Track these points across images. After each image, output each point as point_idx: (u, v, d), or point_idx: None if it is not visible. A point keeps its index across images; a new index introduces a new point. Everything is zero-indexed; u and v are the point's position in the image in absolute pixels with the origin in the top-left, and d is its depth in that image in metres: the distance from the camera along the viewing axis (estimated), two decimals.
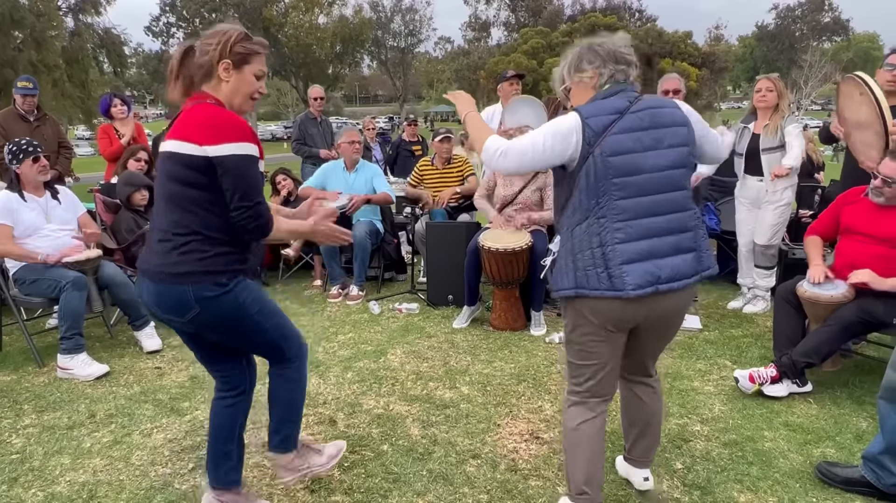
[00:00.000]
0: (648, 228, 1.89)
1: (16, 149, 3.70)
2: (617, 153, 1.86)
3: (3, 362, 3.81)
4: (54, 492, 2.44)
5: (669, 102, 2.02)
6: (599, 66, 1.99)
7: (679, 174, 1.94)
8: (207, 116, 1.83)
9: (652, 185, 1.89)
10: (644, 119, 1.91)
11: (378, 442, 2.79)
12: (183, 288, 1.85)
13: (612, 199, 1.87)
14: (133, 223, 4.51)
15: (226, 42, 1.89)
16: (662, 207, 1.91)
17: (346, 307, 4.88)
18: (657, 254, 1.89)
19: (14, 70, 14.14)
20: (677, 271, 1.90)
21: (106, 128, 5.78)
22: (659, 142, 1.91)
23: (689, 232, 1.95)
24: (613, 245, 1.86)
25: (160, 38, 42.09)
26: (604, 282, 1.87)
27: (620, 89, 1.97)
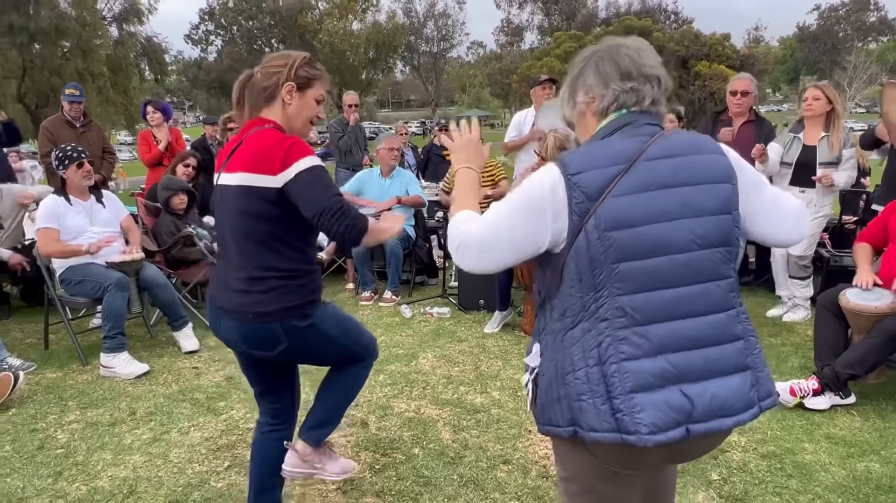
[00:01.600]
0: (672, 337, 1.26)
1: (62, 155, 3.84)
2: (622, 225, 1.25)
3: (50, 360, 3.95)
4: (96, 487, 2.52)
5: (708, 143, 1.36)
6: (598, 86, 1.39)
7: (718, 256, 1.30)
8: (274, 145, 1.79)
9: (677, 271, 1.27)
10: (666, 170, 1.29)
11: (409, 445, 2.81)
12: (271, 326, 1.84)
13: (614, 293, 1.26)
14: (173, 226, 4.63)
15: (291, 65, 1.88)
16: (693, 305, 1.28)
17: (378, 310, 4.92)
18: (687, 375, 1.25)
19: (61, 78, 14.70)
20: (721, 402, 1.25)
21: (145, 134, 5.95)
22: (688, 206, 1.28)
23: (737, 341, 1.30)
24: (619, 362, 1.24)
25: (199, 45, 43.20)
26: (606, 421, 1.23)
27: (628, 121, 1.36)
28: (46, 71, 16.00)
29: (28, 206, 4.82)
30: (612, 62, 1.38)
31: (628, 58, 1.37)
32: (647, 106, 1.37)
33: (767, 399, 1.32)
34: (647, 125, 1.36)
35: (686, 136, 1.38)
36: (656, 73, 1.38)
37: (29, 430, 3.00)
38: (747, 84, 4.52)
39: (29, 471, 2.64)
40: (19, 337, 4.43)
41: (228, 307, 1.88)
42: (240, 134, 1.93)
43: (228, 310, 1.88)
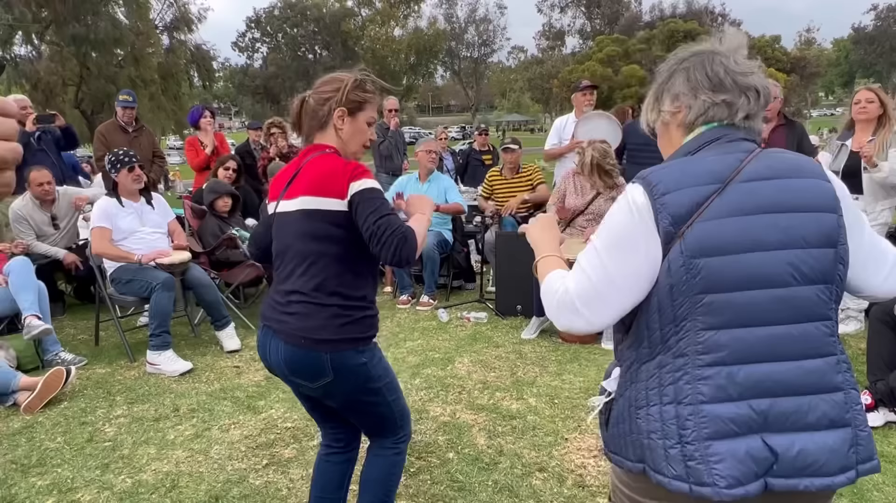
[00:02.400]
0: (760, 381, 1.11)
1: (114, 159, 3.99)
2: (712, 252, 1.11)
3: (100, 356, 4.10)
4: (141, 480, 2.59)
5: (810, 165, 1.20)
6: (685, 93, 1.25)
7: (819, 294, 1.14)
8: (340, 167, 1.78)
9: (770, 308, 1.12)
10: (764, 193, 1.14)
11: (444, 449, 2.80)
12: (321, 355, 1.75)
13: (698, 327, 1.12)
14: (217, 228, 4.76)
15: (342, 89, 1.83)
16: (787, 347, 1.13)
17: (416, 314, 4.95)
18: (772, 425, 1.11)
19: (115, 85, 15.31)
20: (810, 460, 1.10)
21: (192, 140, 6.13)
22: (789, 235, 1.13)
23: (837, 392, 1.14)
24: (697, 404, 1.11)
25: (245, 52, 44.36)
26: (676, 466, 1.11)
27: (719, 136, 1.22)
28: (102, 78, 16.72)
29: (83, 208, 5.02)
30: (704, 69, 1.23)
31: (723, 66, 1.22)
32: (739, 120, 1.22)
33: (869, 463, 1.14)
34: (742, 140, 1.21)
35: (786, 156, 1.22)
36: (753, 83, 1.22)
37: (79, 423, 3.12)
38: (773, 89, 4.42)
39: (78, 462, 2.75)
40: (72, 333, 4.61)
41: (280, 328, 1.79)
42: (297, 160, 1.91)
43: (279, 331, 1.80)
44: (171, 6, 20.51)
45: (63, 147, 5.77)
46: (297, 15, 42.90)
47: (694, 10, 48.61)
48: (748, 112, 1.22)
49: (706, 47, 1.28)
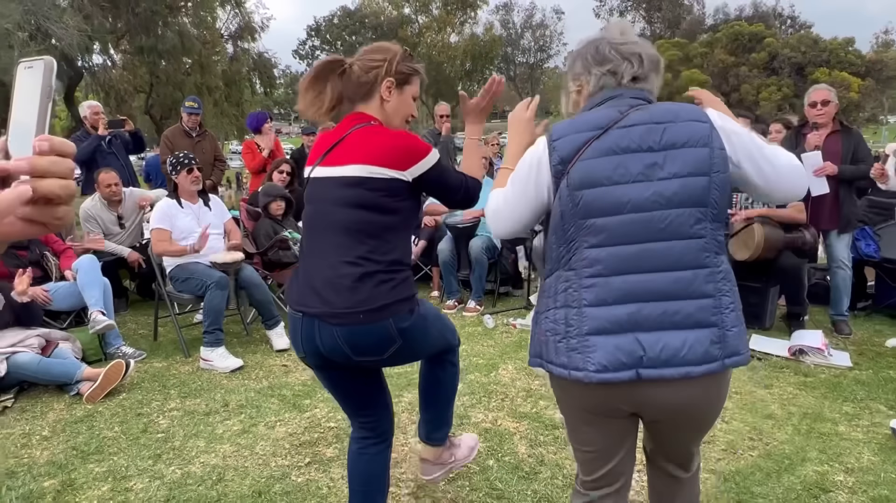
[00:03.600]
0: (632, 289, 1.36)
1: (175, 161, 4.17)
2: (587, 184, 1.37)
3: (157, 351, 4.27)
4: (189, 472, 2.68)
5: (688, 111, 1.42)
6: (581, 73, 1.52)
7: (685, 215, 1.35)
8: (397, 140, 1.74)
9: (641, 229, 1.36)
10: (634, 136, 1.38)
11: (484, 456, 2.78)
12: (385, 323, 1.71)
13: (583, 246, 1.39)
14: (270, 230, 4.89)
15: (391, 60, 1.80)
16: (658, 261, 1.36)
17: (461, 319, 4.94)
18: (642, 325, 1.35)
19: (182, 92, 16.03)
20: (675, 352, 1.33)
21: (249, 143, 6.34)
22: (653, 168, 1.36)
23: (705, 299, 1.35)
24: (580, 307, 1.37)
25: (305, 60, 45.59)
26: (562, 356, 1.39)
27: (612, 95, 1.46)
28: (170, 85, 17.55)
29: (146, 208, 5.26)
30: (592, 49, 1.50)
31: (607, 42, 1.48)
32: (627, 82, 1.47)
33: (734, 356, 1.36)
34: (630, 98, 1.45)
35: (667, 106, 1.44)
36: (636, 50, 1.47)
37: (135, 414, 3.26)
38: (826, 94, 4.24)
39: (133, 451, 2.86)
40: (133, 328, 4.83)
41: (328, 313, 1.71)
42: (341, 128, 1.82)
43: (327, 315, 1.71)
44: (237, 16, 21.31)
45: (131, 150, 6.07)
46: (356, 23, 43.82)
47: (761, 12, 46.82)
48: (634, 74, 1.47)
49: (598, 34, 1.54)
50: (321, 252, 1.77)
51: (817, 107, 4.26)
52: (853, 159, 4.21)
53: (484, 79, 49.25)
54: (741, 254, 4.33)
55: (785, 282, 4.46)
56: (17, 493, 2.52)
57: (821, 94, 4.28)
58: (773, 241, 4.23)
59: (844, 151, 4.22)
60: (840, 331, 4.39)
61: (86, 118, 5.81)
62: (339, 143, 1.79)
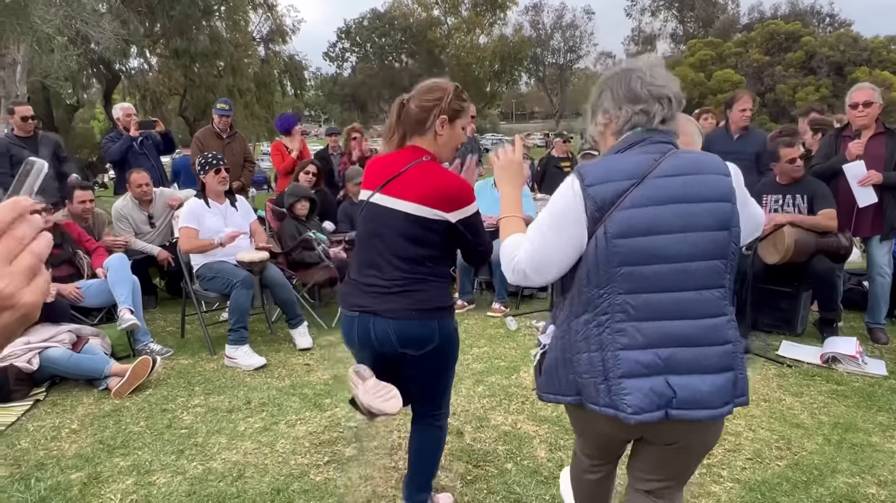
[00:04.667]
0: (665, 334, 1.43)
1: (203, 161, 4.24)
2: (627, 234, 1.42)
3: (184, 348, 4.35)
4: (211, 468, 2.72)
5: (711, 163, 1.48)
6: (610, 108, 1.54)
7: (713, 268, 1.44)
8: (446, 184, 1.97)
9: (673, 278, 1.43)
10: (671, 187, 1.43)
11: (503, 459, 2.76)
12: (431, 322, 2.02)
13: (616, 292, 1.44)
14: (295, 230, 4.94)
15: (445, 99, 2.00)
16: (686, 309, 1.44)
17: (484, 321, 4.92)
18: (674, 369, 1.43)
19: (214, 94, 16.30)
20: (701, 395, 1.42)
21: (277, 145, 6.41)
22: (689, 222, 1.42)
23: (726, 345, 1.45)
24: (615, 351, 1.44)
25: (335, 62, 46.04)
26: (603, 397, 1.46)
27: (641, 139, 1.49)
28: (203, 88, 17.83)
29: (175, 208, 5.37)
30: (624, 86, 1.51)
31: (639, 80, 1.50)
32: (657, 124, 1.50)
33: (741, 397, 1.48)
34: (658, 143, 1.49)
35: (693, 155, 1.51)
36: (666, 93, 1.50)
37: (160, 410, 3.32)
38: (869, 94, 4.06)
39: (157, 446, 2.92)
40: (161, 325, 4.93)
41: (385, 309, 2.00)
42: (399, 161, 2.04)
43: (384, 311, 2.00)
44: (268, 19, 21.61)
45: (162, 151, 6.19)
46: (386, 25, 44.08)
47: (798, 10, 45.69)
48: (663, 116, 1.50)
49: (625, 66, 1.56)
50: (370, 266, 2.06)
51: (859, 108, 4.10)
52: None
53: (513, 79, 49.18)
54: (771, 257, 4.22)
55: (817, 287, 4.33)
56: (45, 485, 2.59)
57: (863, 94, 4.11)
58: (803, 244, 4.10)
59: (888, 155, 4.05)
60: (877, 340, 4.24)
61: (118, 119, 5.95)
62: (399, 175, 2.01)
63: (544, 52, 56.72)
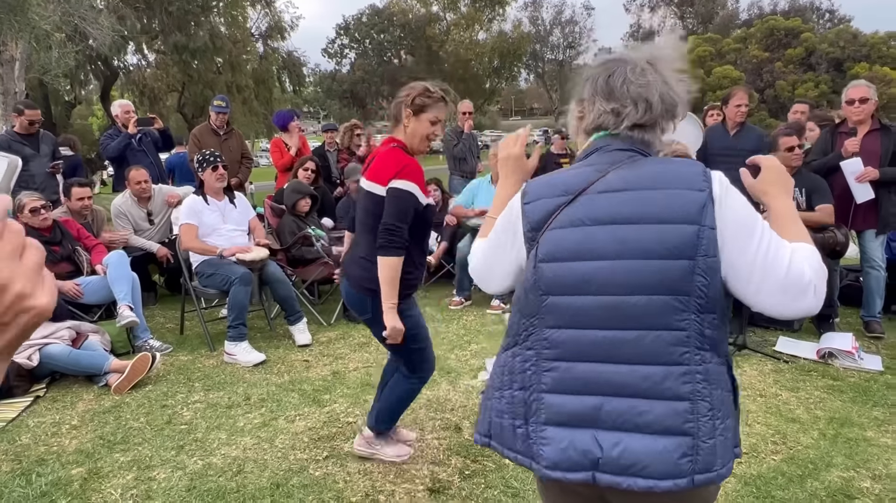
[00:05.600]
0: (596, 379, 1.19)
1: (201, 159, 4.25)
2: (550, 258, 1.21)
3: (183, 344, 4.37)
4: (210, 463, 2.74)
5: (682, 176, 1.19)
6: (587, 100, 1.31)
7: (661, 304, 1.15)
8: (391, 160, 2.35)
9: (603, 314, 1.18)
10: (611, 205, 1.19)
11: None
12: (365, 298, 2.43)
13: (542, 325, 1.23)
14: (295, 227, 4.95)
15: (411, 95, 2.35)
16: (623, 351, 1.17)
17: (483, 317, 4.93)
18: (604, 421, 1.18)
19: (213, 91, 16.32)
20: (633, 460, 1.14)
21: (276, 141, 6.42)
22: (625, 246, 1.17)
23: (678, 401, 1.14)
24: (539, 392, 1.23)
25: (334, 58, 45.92)
26: (520, 443, 1.24)
27: (600, 146, 1.28)
28: (202, 84, 17.86)
29: (174, 205, 5.38)
30: (603, 78, 1.27)
31: (623, 75, 1.24)
32: (623, 129, 1.25)
33: (707, 473, 1.13)
34: (615, 151, 1.25)
35: (658, 166, 1.23)
36: (647, 95, 1.22)
37: (160, 406, 3.33)
38: (865, 91, 4.11)
39: (157, 442, 2.94)
40: (161, 321, 4.94)
41: (349, 274, 2.49)
42: (378, 150, 2.50)
43: (349, 275, 2.49)
44: (266, 15, 21.58)
45: (161, 148, 6.20)
46: (384, 21, 43.94)
47: (798, 6, 45.60)
48: (635, 121, 1.24)
49: (621, 54, 1.30)
50: (356, 241, 2.57)
51: (855, 104, 4.14)
52: (892, 158, 4.08)
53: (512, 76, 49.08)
54: None
55: None
56: (46, 480, 2.60)
57: (859, 90, 4.16)
58: None
59: (884, 151, 4.09)
60: (872, 331, 4.26)
61: (117, 116, 5.95)
62: (372, 161, 2.47)
63: (543, 48, 56.58)
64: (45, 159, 5.19)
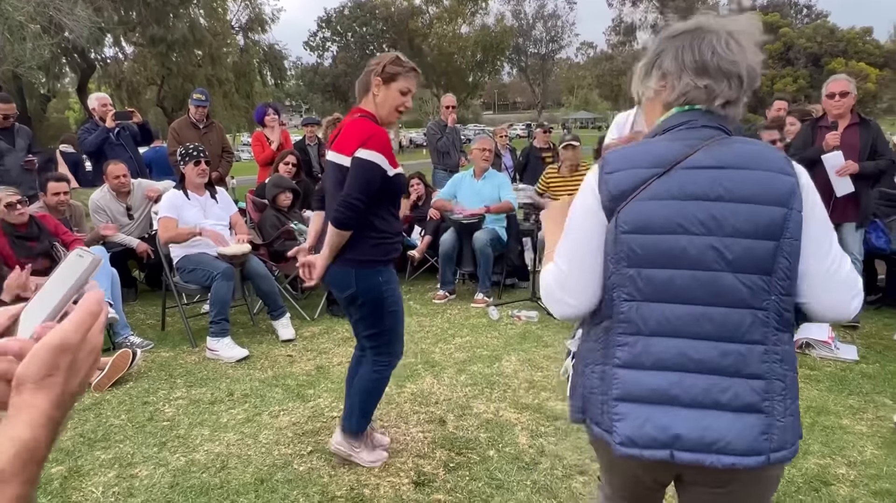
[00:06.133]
0: (675, 355, 1.18)
1: (185, 152, 4.21)
2: (638, 229, 1.19)
3: (165, 340, 4.32)
4: (193, 459, 2.72)
5: (770, 157, 1.20)
6: (671, 73, 1.25)
7: (751, 283, 1.16)
8: (356, 130, 2.28)
9: (692, 289, 1.17)
10: (703, 181, 1.18)
11: (485, 446, 2.79)
12: (348, 270, 2.36)
13: (622, 297, 1.21)
14: (277, 221, 4.91)
15: (379, 63, 2.30)
16: (707, 328, 1.17)
17: (467, 311, 4.94)
18: (683, 399, 1.17)
19: (193, 84, 16.11)
20: (716, 437, 1.15)
21: (258, 135, 6.35)
22: (717, 223, 1.16)
23: (756, 380, 1.16)
24: (613, 367, 1.22)
25: (316, 51, 45.51)
26: (596, 415, 1.25)
27: (686, 120, 1.24)
28: (181, 77, 17.62)
29: (154, 199, 5.30)
30: (692, 51, 1.22)
31: (711, 48, 1.21)
32: (716, 106, 1.23)
33: (782, 451, 1.16)
34: (704, 127, 1.23)
35: (748, 146, 1.22)
36: (738, 70, 1.20)
37: (142, 403, 3.30)
38: (845, 84, 4.16)
39: (139, 439, 2.91)
40: (141, 318, 4.88)
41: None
42: (345, 122, 2.41)
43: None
44: (247, 7, 21.34)
45: (140, 142, 6.10)
46: (367, 14, 43.61)
47: (776, 2, 46.11)
48: (728, 98, 1.23)
49: (699, 23, 1.25)
50: (326, 214, 2.42)
51: (835, 98, 4.19)
52: (871, 152, 4.14)
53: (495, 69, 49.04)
54: None
55: None
56: None
57: (839, 84, 4.20)
58: None
59: (863, 145, 4.15)
60: (848, 325, 4.34)
61: (94, 110, 5.85)
62: (339, 133, 2.39)
63: (526, 41, 56.57)
64: (20, 153, 5.08)
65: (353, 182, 2.25)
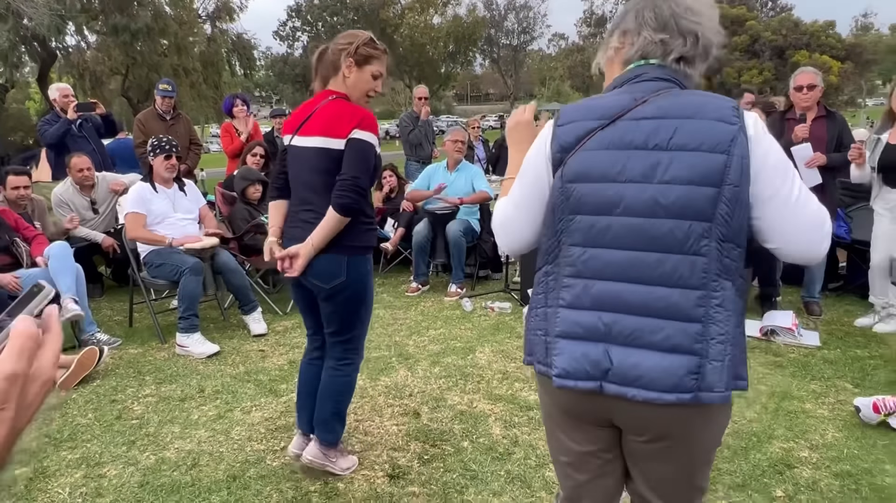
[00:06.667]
0: (613, 297, 1.25)
1: (156, 143, 4.12)
2: (581, 178, 1.26)
3: (133, 337, 4.24)
4: (164, 457, 2.68)
5: (715, 107, 1.23)
6: (631, 30, 1.32)
7: (685, 228, 1.20)
8: (344, 111, 2.17)
9: (629, 234, 1.23)
10: (643, 130, 1.23)
11: (459, 438, 2.81)
12: (339, 257, 2.24)
13: (567, 242, 1.29)
14: (247, 214, 4.85)
15: (352, 43, 2.18)
16: (643, 272, 1.23)
17: (440, 303, 4.95)
18: (616, 337, 1.25)
19: (159, 74, 15.72)
20: (641, 373, 1.22)
21: (227, 126, 6.24)
22: (655, 170, 1.21)
23: (690, 323, 1.20)
24: (557, 307, 1.30)
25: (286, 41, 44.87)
26: (540, 353, 1.34)
27: (639, 73, 1.30)
28: (146, 67, 17.18)
29: (120, 193, 5.18)
30: (653, 9, 1.29)
31: (670, 7, 1.28)
32: (670, 61, 1.29)
33: (711, 392, 1.20)
34: (655, 80, 1.28)
35: (692, 98, 1.26)
36: (694, 28, 1.27)
37: (109, 401, 3.23)
38: (812, 77, 4.24)
39: (106, 438, 2.85)
40: (108, 314, 4.78)
41: (301, 239, 2.21)
42: (312, 102, 2.27)
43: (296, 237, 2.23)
44: None
45: (103, 134, 5.95)
46: (337, 3, 43.13)
47: None
48: (682, 54, 1.28)
49: None
50: (299, 201, 2.29)
51: (803, 90, 4.26)
52: (838, 144, 4.22)
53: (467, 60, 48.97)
54: None
55: (758, 264, 4.52)
56: None
57: (807, 77, 4.27)
58: None
59: (830, 137, 4.23)
60: (811, 313, 4.47)
61: (55, 101, 5.67)
62: (311, 116, 2.23)
63: (498, 33, 56.57)
64: None
65: (358, 164, 2.15)
